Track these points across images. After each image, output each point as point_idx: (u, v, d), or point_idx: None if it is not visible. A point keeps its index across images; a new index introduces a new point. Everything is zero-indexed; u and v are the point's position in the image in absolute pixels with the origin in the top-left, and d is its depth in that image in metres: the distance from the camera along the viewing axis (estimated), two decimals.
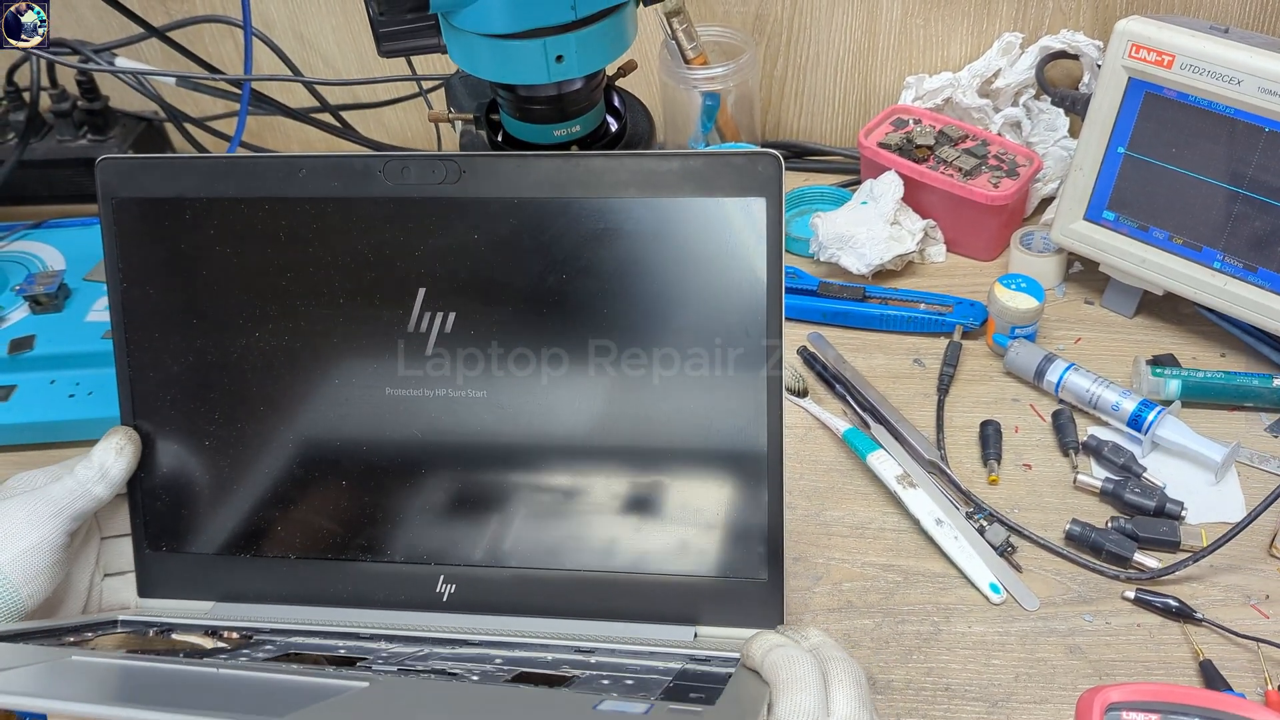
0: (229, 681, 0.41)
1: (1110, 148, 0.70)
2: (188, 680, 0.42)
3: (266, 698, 0.39)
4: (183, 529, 0.55)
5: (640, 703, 0.39)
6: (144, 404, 0.55)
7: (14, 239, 0.82)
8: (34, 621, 0.50)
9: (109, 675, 0.43)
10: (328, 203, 0.52)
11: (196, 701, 0.38)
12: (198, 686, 0.41)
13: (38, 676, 0.40)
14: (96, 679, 0.42)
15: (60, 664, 0.43)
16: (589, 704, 0.38)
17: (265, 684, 0.42)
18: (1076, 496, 0.64)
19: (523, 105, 0.59)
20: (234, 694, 0.40)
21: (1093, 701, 0.48)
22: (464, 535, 0.53)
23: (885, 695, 0.54)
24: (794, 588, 0.59)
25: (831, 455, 0.67)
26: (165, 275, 0.54)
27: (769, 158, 0.49)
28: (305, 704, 0.37)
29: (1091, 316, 0.75)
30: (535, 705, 0.40)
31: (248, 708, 0.36)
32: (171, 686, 0.41)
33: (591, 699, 0.39)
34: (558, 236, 0.51)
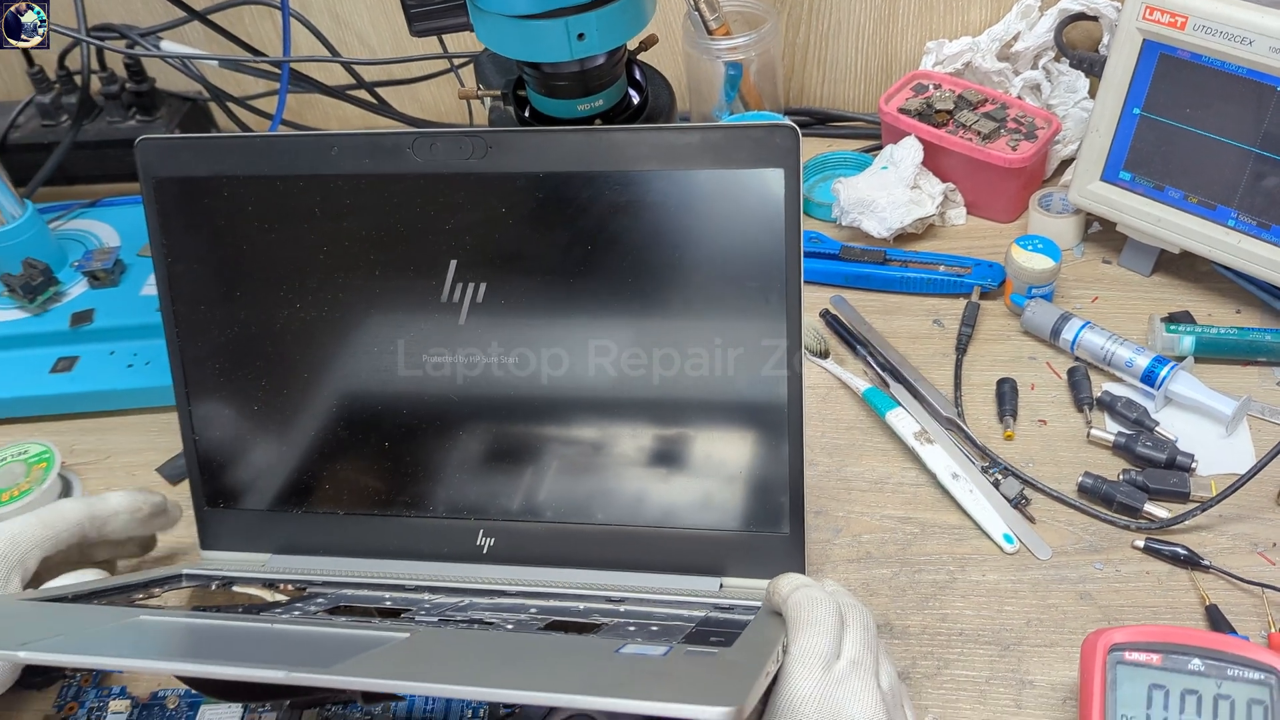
0: (283, 636, 0.45)
1: (1126, 109, 0.71)
2: (246, 635, 0.45)
3: (317, 650, 0.43)
4: (237, 487, 0.59)
5: (660, 645, 0.42)
6: (194, 372, 0.58)
7: (71, 218, 0.86)
8: (107, 580, 0.54)
9: (174, 633, 0.46)
10: (360, 179, 0.55)
11: (254, 655, 0.42)
12: (255, 641, 0.44)
13: (111, 637, 0.44)
14: (163, 637, 0.45)
15: (131, 624, 0.46)
16: (612, 648, 0.41)
17: (316, 637, 0.45)
18: (1090, 451, 0.66)
19: (547, 81, 0.62)
20: (287, 647, 0.43)
21: (1096, 643, 0.50)
22: (502, 491, 0.57)
23: (902, 640, 0.57)
24: (815, 540, 0.62)
25: (852, 414, 0.70)
26: (207, 250, 0.57)
27: (786, 130, 0.51)
28: (352, 655, 0.40)
29: (1109, 275, 0.77)
30: (562, 650, 0.43)
31: (300, 660, 0.39)
32: (231, 641, 0.44)
33: (615, 643, 0.42)
34: (582, 208, 0.53)
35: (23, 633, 0.42)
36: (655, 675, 0.38)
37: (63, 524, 0.53)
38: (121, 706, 0.57)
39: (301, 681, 0.36)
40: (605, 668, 0.39)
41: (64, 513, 0.54)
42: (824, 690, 0.41)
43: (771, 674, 0.40)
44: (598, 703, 0.33)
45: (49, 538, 0.53)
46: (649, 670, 0.38)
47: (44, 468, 0.67)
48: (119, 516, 0.56)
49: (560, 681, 0.36)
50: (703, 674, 0.39)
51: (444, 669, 0.39)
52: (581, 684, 0.35)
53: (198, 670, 0.39)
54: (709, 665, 0.40)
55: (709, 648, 0.43)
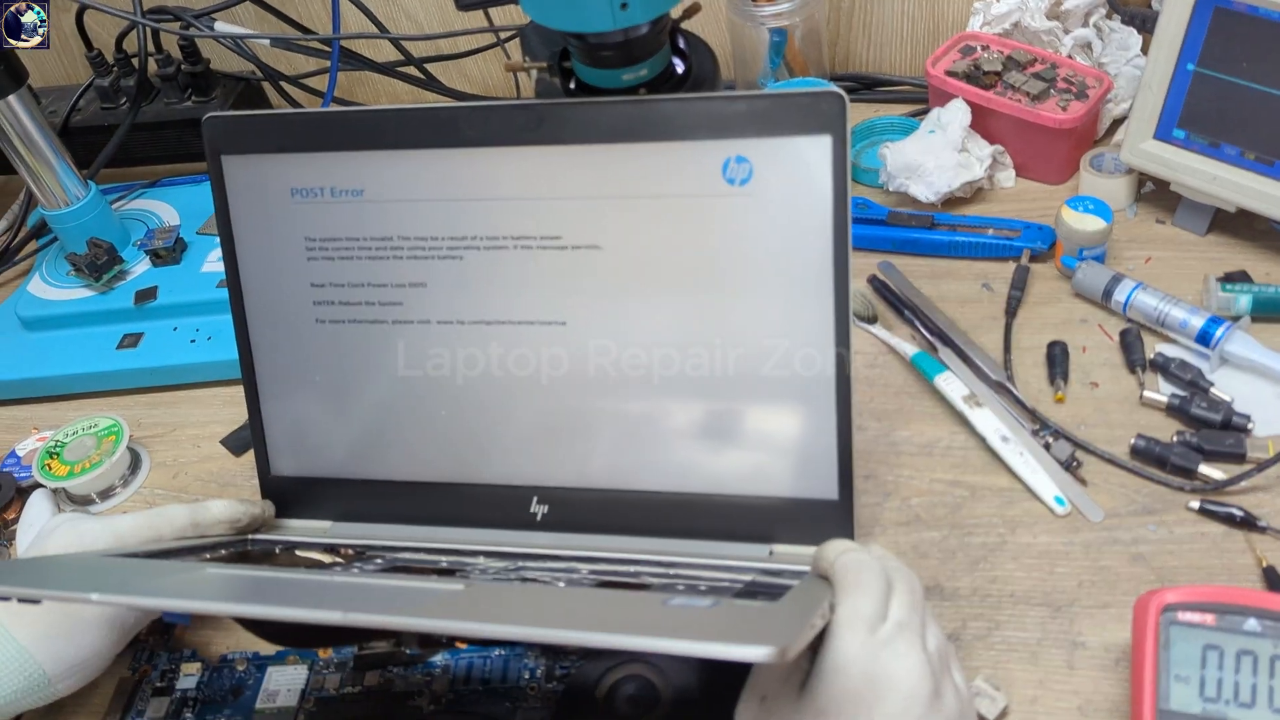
0: (342, 586, 0.47)
1: (1179, 65, 0.70)
2: (306, 585, 0.47)
3: (375, 598, 0.44)
4: (300, 457, 0.61)
5: (708, 599, 0.43)
6: (260, 347, 0.60)
7: (132, 198, 0.89)
8: (175, 542, 0.56)
9: (238, 582, 0.48)
10: (418, 152, 0.56)
11: (313, 601, 0.43)
12: (315, 589, 0.46)
13: (181, 584, 0.46)
14: (228, 585, 0.47)
15: (199, 574, 0.48)
16: (661, 600, 0.42)
17: (373, 588, 0.47)
18: (1143, 413, 0.65)
19: (592, 52, 0.62)
20: (346, 594, 0.45)
21: (1149, 604, 0.50)
22: (555, 460, 0.58)
23: (952, 602, 0.57)
24: (864, 504, 0.63)
25: (901, 378, 0.70)
26: (271, 226, 0.58)
27: (833, 96, 0.51)
28: (410, 603, 0.41)
29: (1163, 236, 0.76)
30: (612, 601, 0.44)
31: (358, 606, 0.41)
32: (292, 589, 0.46)
33: (664, 596, 0.43)
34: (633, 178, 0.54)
35: (96, 581, 0.43)
36: (702, 622, 0.39)
37: (169, 529, 0.55)
38: (192, 669, 0.59)
39: (358, 622, 0.37)
40: (654, 615, 0.40)
41: (171, 519, 0.56)
42: (870, 651, 0.42)
43: (818, 627, 0.40)
44: (646, 643, 0.34)
45: (154, 539, 0.55)
46: (696, 618, 0.39)
47: (114, 440, 0.69)
48: (219, 525, 0.57)
49: (610, 624, 0.36)
50: (749, 621, 0.40)
51: (499, 613, 0.40)
52: (630, 626, 0.36)
53: (259, 612, 0.40)
54: (755, 614, 0.41)
55: (756, 602, 0.44)
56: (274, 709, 0.56)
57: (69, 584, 0.43)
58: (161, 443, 0.74)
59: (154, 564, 0.50)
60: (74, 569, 0.48)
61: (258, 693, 0.57)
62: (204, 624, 0.62)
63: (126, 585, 0.42)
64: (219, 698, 0.58)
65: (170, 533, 0.55)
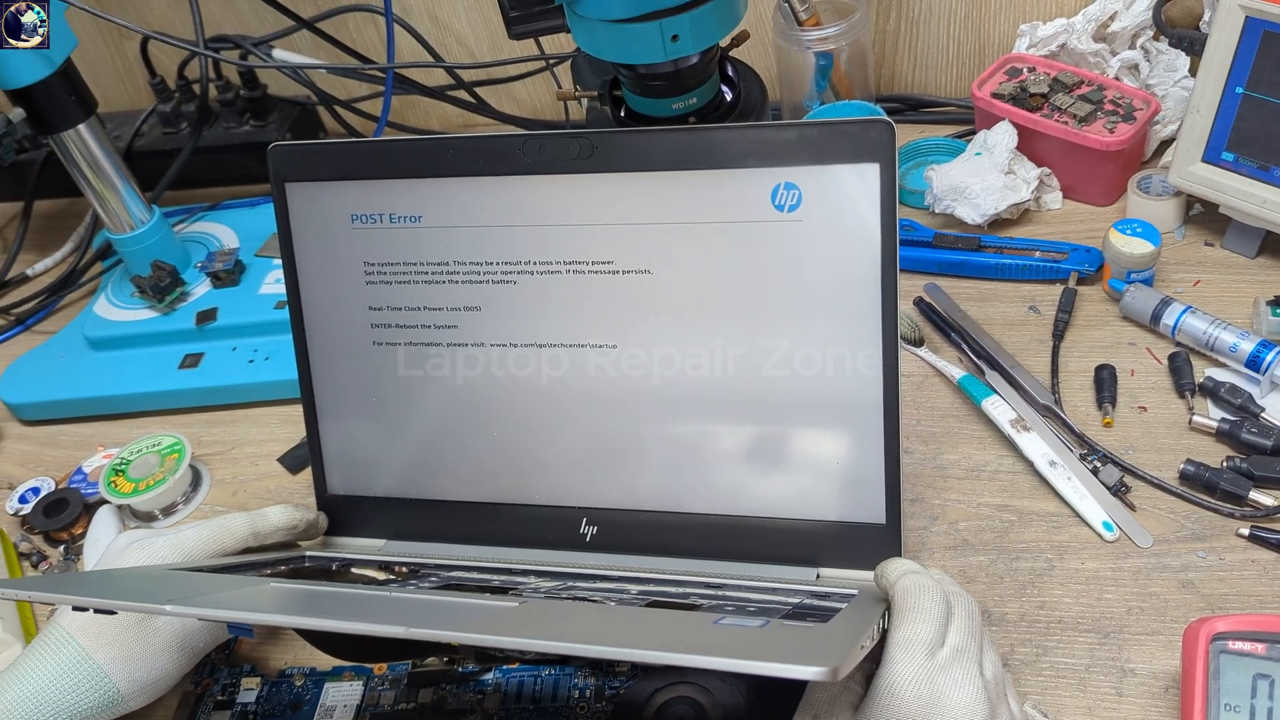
0: (401, 602, 0.48)
1: (1228, 88, 0.70)
2: (366, 600, 0.48)
3: (434, 614, 0.45)
4: (356, 476, 0.62)
5: (758, 620, 0.44)
6: (319, 368, 0.62)
7: (193, 221, 0.91)
8: (236, 557, 0.58)
9: (301, 596, 0.50)
10: (475, 179, 0.57)
11: (377, 615, 0.44)
12: (375, 604, 0.47)
13: (248, 598, 0.47)
14: (291, 599, 0.49)
15: (264, 588, 0.50)
16: (711, 620, 0.43)
17: (430, 604, 0.48)
18: (1192, 438, 0.65)
19: (642, 81, 0.64)
20: (405, 610, 0.46)
21: (1199, 632, 0.50)
22: (604, 482, 0.59)
23: (1000, 627, 0.58)
24: (911, 527, 0.63)
25: (947, 402, 0.70)
26: (331, 250, 0.60)
27: (882, 125, 0.51)
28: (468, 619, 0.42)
29: (1212, 258, 0.76)
30: (664, 620, 0.45)
31: (420, 621, 0.42)
32: (353, 604, 0.48)
33: (713, 616, 0.44)
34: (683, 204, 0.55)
35: (169, 593, 0.45)
36: (753, 641, 0.39)
37: (231, 540, 0.57)
38: (252, 684, 0.61)
39: (421, 636, 0.38)
40: (705, 634, 0.41)
41: (233, 529, 0.57)
42: (926, 676, 0.42)
43: (867, 648, 0.40)
44: (700, 660, 0.34)
45: (217, 551, 0.57)
46: (747, 637, 0.40)
47: (176, 458, 0.71)
48: (278, 533, 0.59)
49: (663, 642, 0.37)
50: (800, 641, 0.40)
51: (554, 630, 0.41)
52: (683, 645, 0.36)
53: (327, 625, 0.41)
54: (806, 634, 0.41)
55: (805, 623, 0.44)
56: None
57: (143, 596, 0.45)
58: (221, 460, 0.76)
59: (221, 578, 0.51)
60: (145, 582, 0.50)
61: (315, 708, 0.59)
62: (263, 640, 0.64)
63: (198, 598, 0.44)
64: (278, 712, 0.59)
65: (233, 543, 0.57)
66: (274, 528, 0.59)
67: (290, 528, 0.59)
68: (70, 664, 0.53)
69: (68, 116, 0.75)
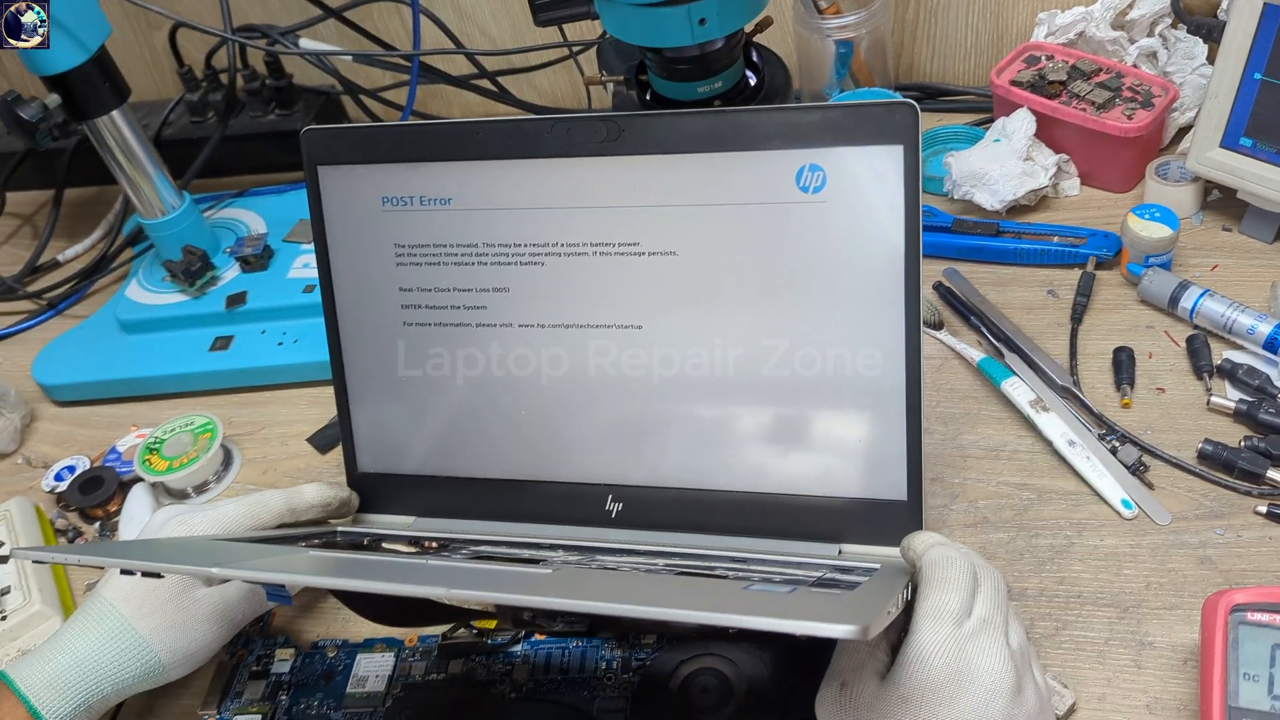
0: (436, 568, 0.49)
1: (1246, 74, 0.70)
2: (402, 566, 0.50)
3: (468, 577, 0.46)
4: (385, 454, 0.63)
5: (785, 587, 0.45)
6: (350, 348, 0.63)
7: (221, 207, 0.93)
8: (269, 530, 0.59)
9: (336, 563, 0.51)
10: (504, 162, 0.58)
11: (417, 578, 0.45)
12: (411, 570, 0.49)
13: (290, 563, 0.48)
14: (330, 565, 0.50)
15: (301, 556, 0.51)
16: (740, 586, 0.44)
17: (463, 570, 0.49)
18: (1210, 418, 0.66)
19: (669, 65, 0.65)
20: (441, 575, 0.47)
21: (1218, 604, 0.50)
22: (630, 459, 0.60)
23: (1019, 602, 0.58)
24: (931, 505, 0.64)
25: (967, 383, 0.71)
26: (362, 232, 0.61)
27: (906, 107, 0.52)
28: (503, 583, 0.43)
29: (1230, 243, 0.76)
30: (694, 585, 0.46)
31: (458, 583, 0.43)
32: (389, 569, 0.49)
33: (743, 583, 0.45)
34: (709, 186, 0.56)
35: (212, 560, 0.46)
36: (783, 604, 0.40)
37: (268, 515, 0.58)
38: (286, 654, 0.62)
39: (461, 597, 0.39)
40: (736, 598, 0.42)
41: (270, 505, 0.59)
42: (955, 644, 0.43)
43: (894, 615, 0.41)
44: (733, 619, 0.35)
45: (254, 526, 0.58)
46: (777, 601, 0.41)
47: (208, 438, 0.73)
48: (313, 510, 0.60)
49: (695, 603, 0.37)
50: (828, 604, 0.41)
51: (589, 592, 0.42)
52: (715, 606, 0.37)
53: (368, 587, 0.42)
54: (834, 599, 0.42)
55: (832, 590, 0.45)
56: (363, 694, 0.59)
57: (187, 562, 0.46)
58: (251, 440, 0.78)
59: (260, 548, 0.53)
60: (188, 550, 0.51)
61: (348, 678, 0.60)
62: (297, 613, 0.65)
63: (241, 562, 0.45)
64: (311, 682, 0.60)
65: (269, 518, 0.58)
66: (309, 504, 0.60)
67: (325, 505, 0.61)
68: (113, 633, 0.54)
69: (102, 103, 0.77)
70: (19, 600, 0.65)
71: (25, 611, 0.65)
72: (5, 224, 1.06)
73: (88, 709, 0.53)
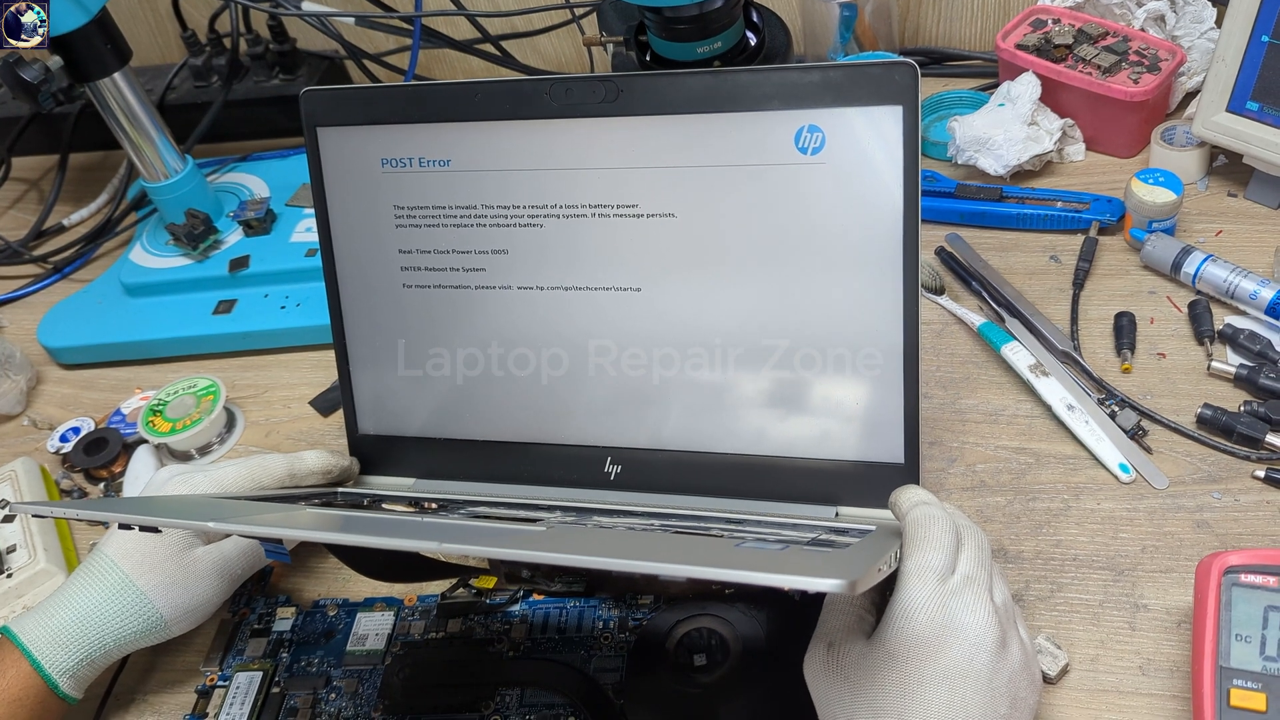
0: (433, 525, 0.49)
1: (1254, 37, 0.69)
2: (399, 523, 0.50)
3: (462, 533, 0.47)
4: (385, 416, 0.64)
5: (777, 545, 0.45)
6: (350, 310, 0.63)
7: (224, 171, 0.93)
8: (269, 490, 0.60)
9: (334, 519, 0.51)
10: (502, 123, 0.58)
11: (412, 533, 0.46)
12: (408, 526, 0.49)
13: (287, 519, 0.49)
14: (327, 521, 0.51)
15: (299, 513, 0.52)
16: (733, 544, 0.44)
17: (457, 526, 0.49)
18: (1210, 383, 0.66)
19: (668, 25, 0.64)
20: (431, 531, 0.47)
21: (1212, 565, 0.51)
22: (629, 422, 0.60)
23: (1016, 564, 0.59)
24: (929, 469, 0.64)
25: (967, 348, 0.71)
26: (362, 194, 0.61)
27: (905, 67, 0.52)
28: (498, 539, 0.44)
29: (1235, 209, 0.76)
30: (687, 542, 0.46)
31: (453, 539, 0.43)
32: (386, 526, 0.49)
33: (735, 541, 0.45)
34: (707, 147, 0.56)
35: (211, 513, 0.47)
36: (774, 560, 0.41)
37: (268, 478, 0.59)
38: (288, 613, 0.63)
39: (454, 552, 0.40)
40: (728, 554, 0.42)
41: (270, 469, 0.59)
42: (939, 599, 0.43)
43: (884, 573, 0.42)
44: (724, 574, 0.35)
45: (254, 488, 0.58)
46: (768, 557, 0.41)
47: (211, 400, 0.73)
48: (313, 476, 0.61)
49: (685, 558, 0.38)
50: (817, 561, 0.41)
51: (581, 548, 0.42)
52: (705, 561, 0.37)
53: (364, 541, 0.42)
54: (824, 556, 0.43)
55: (824, 549, 0.45)
56: (363, 651, 0.60)
57: (186, 518, 0.46)
58: (254, 403, 0.78)
59: (260, 505, 0.53)
60: (188, 506, 0.52)
61: (348, 636, 0.61)
62: (297, 571, 0.66)
63: (238, 518, 0.46)
64: (312, 640, 0.61)
65: (270, 482, 0.59)
66: (309, 470, 0.60)
67: (325, 471, 0.61)
68: (114, 589, 0.55)
69: (104, 65, 0.77)
70: (24, 558, 0.66)
71: (30, 569, 0.65)
72: (11, 188, 1.06)
73: (90, 663, 0.54)
